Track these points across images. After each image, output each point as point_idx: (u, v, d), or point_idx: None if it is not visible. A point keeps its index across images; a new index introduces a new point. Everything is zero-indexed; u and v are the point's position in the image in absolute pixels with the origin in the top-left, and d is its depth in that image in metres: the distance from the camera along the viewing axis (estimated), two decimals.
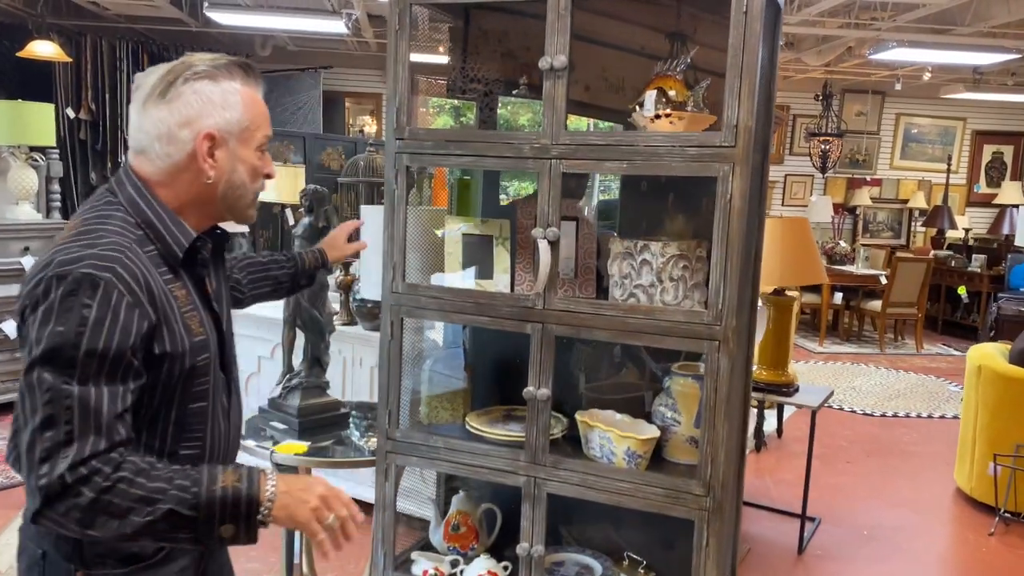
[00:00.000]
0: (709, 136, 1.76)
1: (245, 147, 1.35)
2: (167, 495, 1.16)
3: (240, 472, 1.22)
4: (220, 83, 1.32)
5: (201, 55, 1.35)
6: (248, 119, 1.34)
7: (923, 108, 10.29)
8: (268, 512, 1.21)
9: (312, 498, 1.25)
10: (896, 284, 7.96)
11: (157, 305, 1.23)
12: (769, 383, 3.72)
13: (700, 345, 1.80)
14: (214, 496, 1.18)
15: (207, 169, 1.31)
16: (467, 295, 2.02)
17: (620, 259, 2.02)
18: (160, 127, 1.30)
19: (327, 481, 1.32)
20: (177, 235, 1.31)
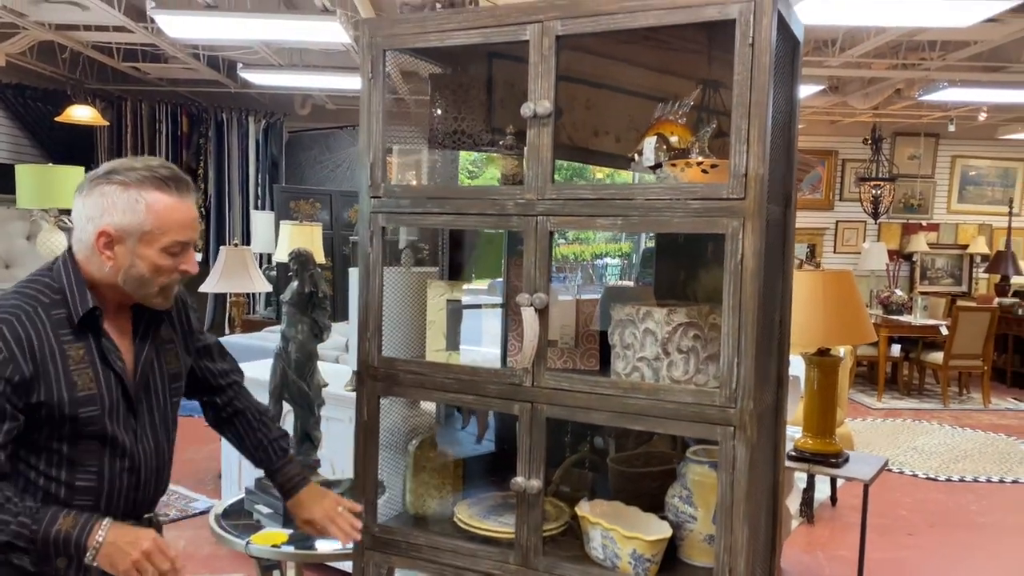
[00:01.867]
0: (714, 187, 1.52)
1: (147, 248, 1.50)
2: (7, 528, 1.39)
3: (79, 519, 1.43)
4: (129, 190, 1.49)
5: (143, 160, 1.53)
6: (152, 225, 1.49)
7: (980, 149, 9.83)
8: (93, 558, 1.42)
9: (135, 551, 1.42)
10: (958, 335, 7.46)
11: (36, 361, 1.44)
12: (816, 452, 3.37)
13: (712, 431, 1.54)
14: (48, 536, 1.40)
15: (105, 260, 1.50)
16: (448, 370, 1.79)
17: (622, 327, 1.77)
18: (77, 216, 1.53)
19: (157, 537, 1.47)
20: (77, 304, 1.51)
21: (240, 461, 4.05)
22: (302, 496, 1.82)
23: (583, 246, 2.89)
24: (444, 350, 1.90)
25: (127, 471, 1.57)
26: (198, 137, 8.40)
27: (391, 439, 2.15)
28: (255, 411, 1.87)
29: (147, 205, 1.48)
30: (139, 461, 1.59)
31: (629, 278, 3.31)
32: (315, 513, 1.80)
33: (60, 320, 1.49)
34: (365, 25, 1.79)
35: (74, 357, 1.49)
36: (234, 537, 2.18)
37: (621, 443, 2.16)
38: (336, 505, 1.82)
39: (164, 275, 1.53)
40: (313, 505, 1.81)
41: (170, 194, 1.50)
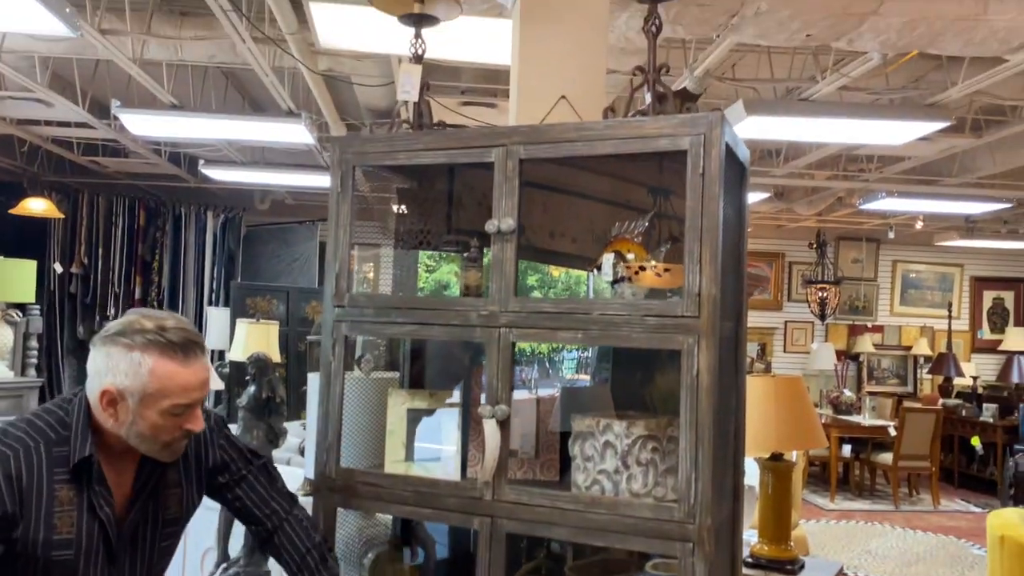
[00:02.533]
0: (670, 305, 1.58)
1: (148, 409, 1.51)
2: None
3: None
4: (132, 352, 1.50)
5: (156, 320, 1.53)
6: (154, 388, 1.50)
7: (919, 255, 10.28)
8: None
9: None
10: (906, 435, 7.61)
11: (22, 499, 1.44)
12: (772, 559, 3.37)
13: (672, 547, 1.55)
14: None
15: (107, 417, 1.52)
16: (406, 482, 1.78)
17: (582, 439, 1.79)
18: (89, 367, 1.55)
19: None
20: (76, 448, 1.51)
21: (185, 566, 3.88)
22: None
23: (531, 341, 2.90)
24: (403, 460, 1.89)
25: None
26: (155, 231, 8.37)
27: (345, 551, 2.11)
28: (297, 552, 1.71)
29: (150, 370, 1.49)
30: None
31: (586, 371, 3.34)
32: None
33: (61, 458, 1.49)
34: (336, 142, 1.86)
35: (61, 498, 1.48)
36: None
37: (579, 549, 2.14)
38: None
39: (166, 434, 1.53)
40: None
41: (175, 359, 1.51)
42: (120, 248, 8.14)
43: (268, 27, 3.95)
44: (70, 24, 3.34)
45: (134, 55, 4.26)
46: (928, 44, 3.30)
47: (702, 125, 1.55)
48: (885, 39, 3.24)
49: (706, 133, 1.54)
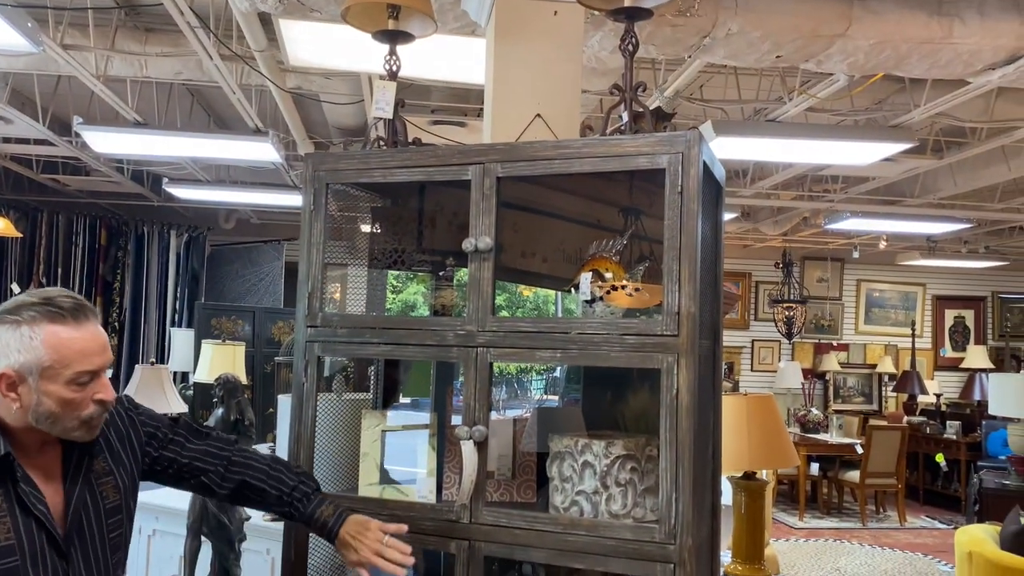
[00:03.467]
0: (649, 324, 1.57)
1: (51, 383, 1.43)
2: None
3: None
4: (20, 328, 1.43)
5: (40, 293, 1.47)
6: (52, 359, 1.43)
7: (882, 274, 10.45)
8: None
9: None
10: (873, 453, 7.68)
11: None
12: None
13: (653, 569, 1.52)
14: None
15: (10, 403, 1.43)
16: (382, 506, 1.74)
17: (560, 459, 1.77)
18: None
19: None
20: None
21: None
22: (343, 536, 1.64)
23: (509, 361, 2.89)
24: (378, 483, 1.85)
25: None
26: (116, 250, 8.21)
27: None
28: (259, 472, 1.70)
29: (42, 340, 1.42)
30: None
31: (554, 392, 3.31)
32: (362, 551, 1.61)
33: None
34: (309, 159, 1.83)
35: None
36: None
37: (552, 570, 2.11)
38: (380, 535, 1.63)
39: (78, 409, 1.46)
40: (358, 542, 1.62)
41: (66, 324, 1.44)
42: (80, 268, 7.97)
43: (236, 44, 3.91)
44: (32, 39, 3.27)
45: (97, 71, 4.18)
46: (895, 66, 3.36)
47: (680, 144, 1.55)
48: (853, 61, 3.29)
49: (684, 152, 1.54)
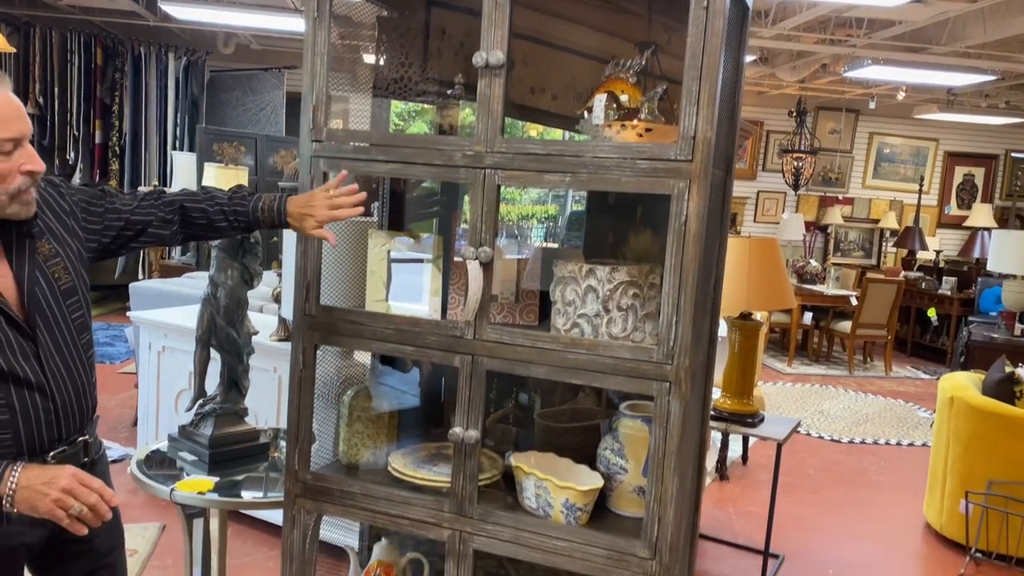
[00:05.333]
0: (663, 148, 1.54)
1: None
2: None
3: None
4: None
5: None
6: None
7: (896, 127, 10.23)
8: (10, 504, 1.39)
9: (53, 491, 1.38)
10: (866, 305, 7.82)
11: None
12: (733, 412, 3.51)
13: (649, 386, 1.58)
14: None
15: None
16: (387, 321, 1.77)
17: (564, 284, 1.79)
18: None
19: (76, 471, 1.42)
20: None
21: (159, 407, 3.95)
22: (293, 212, 1.68)
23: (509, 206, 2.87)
24: (384, 300, 1.88)
25: (39, 400, 1.50)
26: (113, 71, 7.97)
27: (323, 390, 2.13)
28: (194, 198, 1.73)
29: None
30: (51, 388, 1.52)
31: (554, 241, 3.32)
32: (317, 215, 1.65)
33: None
34: None
35: None
36: (158, 484, 2.14)
37: (547, 400, 2.19)
38: (327, 196, 1.67)
39: (5, 181, 1.42)
40: (310, 210, 1.67)
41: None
42: (77, 88, 7.77)
43: None
44: None
45: None
46: None
47: None
48: None
49: None
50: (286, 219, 1.69)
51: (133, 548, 3.38)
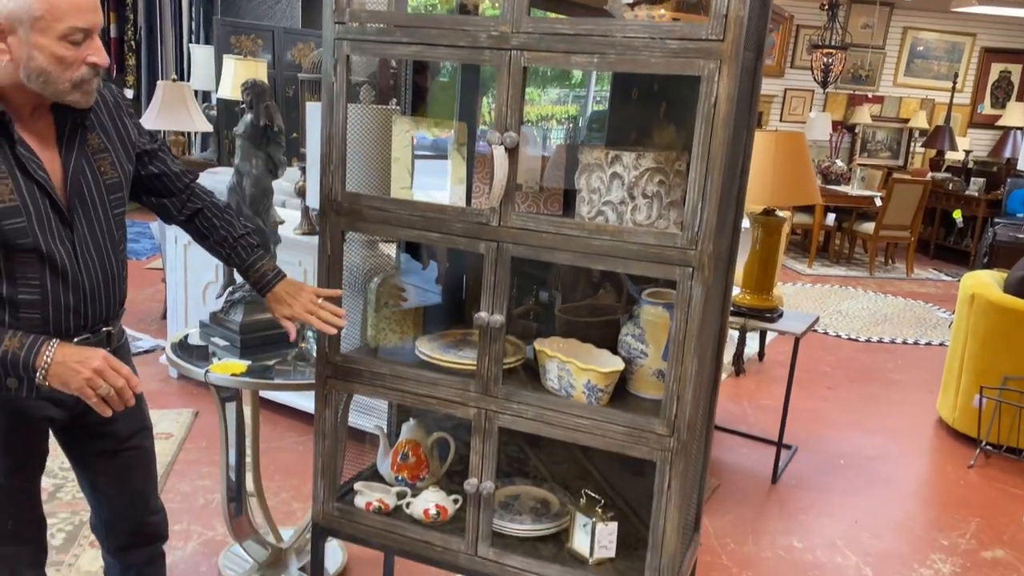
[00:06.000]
0: (694, 28, 1.50)
1: (42, 36, 1.40)
2: None
3: (25, 340, 1.44)
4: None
5: None
6: (42, 10, 1.39)
7: (931, 22, 9.83)
8: (44, 377, 1.44)
9: (85, 370, 1.43)
10: (891, 206, 7.73)
11: None
12: (752, 307, 3.54)
13: (672, 271, 1.59)
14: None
15: (0, 55, 1.41)
16: (413, 208, 1.79)
17: (589, 172, 1.79)
18: None
19: (107, 355, 1.47)
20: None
21: (187, 300, 4.04)
22: (278, 291, 1.81)
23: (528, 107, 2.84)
24: (409, 188, 1.89)
25: (68, 285, 1.55)
26: None
27: (350, 278, 2.17)
28: (215, 208, 1.84)
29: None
30: (80, 276, 1.56)
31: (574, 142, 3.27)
32: (295, 307, 1.78)
33: None
34: None
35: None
36: (193, 366, 2.22)
37: (568, 296, 2.22)
38: (314, 297, 1.80)
39: (70, 69, 1.44)
40: (292, 299, 1.80)
41: None
42: None
43: None
44: None
45: None
46: None
47: None
48: None
49: None
50: (267, 292, 1.83)
51: (169, 432, 3.54)
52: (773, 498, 3.36)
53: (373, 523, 1.98)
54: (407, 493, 2.03)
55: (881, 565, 2.90)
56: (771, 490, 3.43)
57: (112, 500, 1.81)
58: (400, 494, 2.04)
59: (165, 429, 3.52)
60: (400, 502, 2.02)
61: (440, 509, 1.96)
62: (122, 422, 1.74)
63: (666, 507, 1.68)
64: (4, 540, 1.62)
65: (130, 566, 1.88)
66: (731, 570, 2.80)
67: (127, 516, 1.84)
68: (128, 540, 1.87)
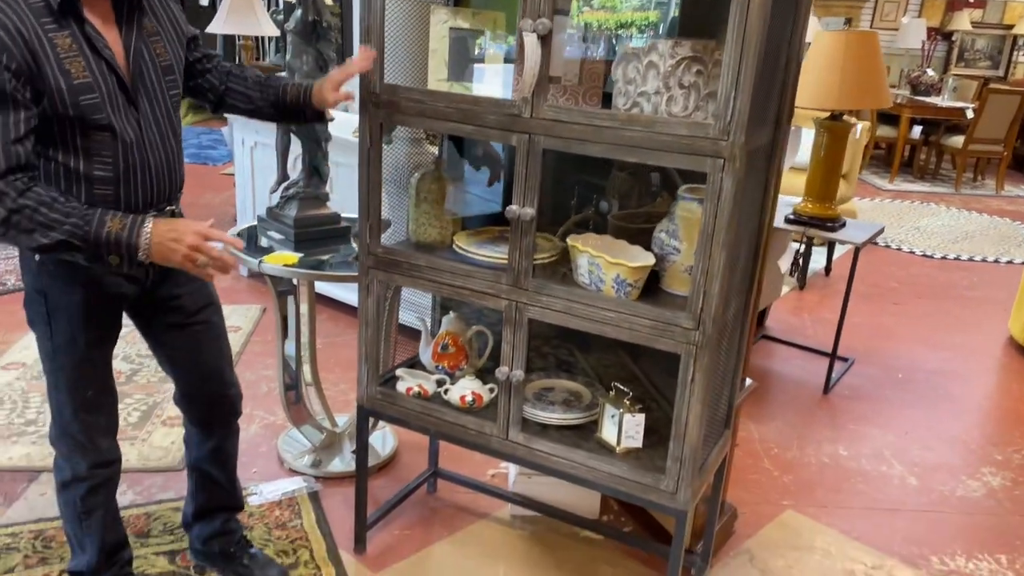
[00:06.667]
0: None
1: None
2: (62, 228, 1.48)
3: (125, 221, 1.52)
4: None
5: None
6: None
7: None
8: (146, 256, 1.54)
9: (181, 246, 1.54)
10: (983, 118, 7.28)
11: (31, 51, 1.45)
12: (813, 216, 3.45)
13: (703, 163, 1.57)
14: (100, 236, 1.51)
15: None
16: (449, 99, 1.80)
17: (626, 62, 1.76)
18: None
19: (199, 228, 1.56)
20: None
21: (255, 200, 4.18)
22: (316, 88, 1.86)
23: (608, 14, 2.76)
24: (446, 80, 1.90)
25: (138, 163, 1.63)
26: None
27: (395, 175, 2.21)
28: (239, 77, 1.92)
29: None
30: (147, 154, 1.65)
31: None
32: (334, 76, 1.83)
33: (39, 8, 1.47)
34: None
35: (62, 46, 1.49)
36: (248, 257, 2.32)
37: (624, 204, 2.20)
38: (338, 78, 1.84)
39: None
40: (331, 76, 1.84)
41: None
42: None
43: None
44: None
45: None
46: None
47: None
48: None
49: None
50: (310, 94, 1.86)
51: (238, 326, 3.72)
52: (824, 408, 3.35)
53: (412, 407, 2.08)
54: (446, 381, 2.11)
55: (927, 475, 2.89)
56: (822, 400, 3.41)
57: (188, 373, 1.95)
58: (439, 381, 2.12)
59: (234, 323, 3.71)
60: (439, 389, 2.11)
61: (476, 396, 2.04)
62: (188, 297, 1.87)
63: (689, 399, 1.71)
64: (85, 408, 1.77)
65: (209, 436, 2.04)
66: (772, 473, 2.83)
67: (203, 389, 1.97)
68: (207, 412, 2.01)
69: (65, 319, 1.69)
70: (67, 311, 1.68)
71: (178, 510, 2.40)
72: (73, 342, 1.70)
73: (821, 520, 2.58)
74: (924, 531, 2.57)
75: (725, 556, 2.38)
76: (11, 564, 2.15)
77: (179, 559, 2.21)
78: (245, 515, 2.41)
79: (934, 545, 2.50)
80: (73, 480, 1.82)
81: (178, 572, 2.16)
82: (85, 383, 1.75)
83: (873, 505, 2.68)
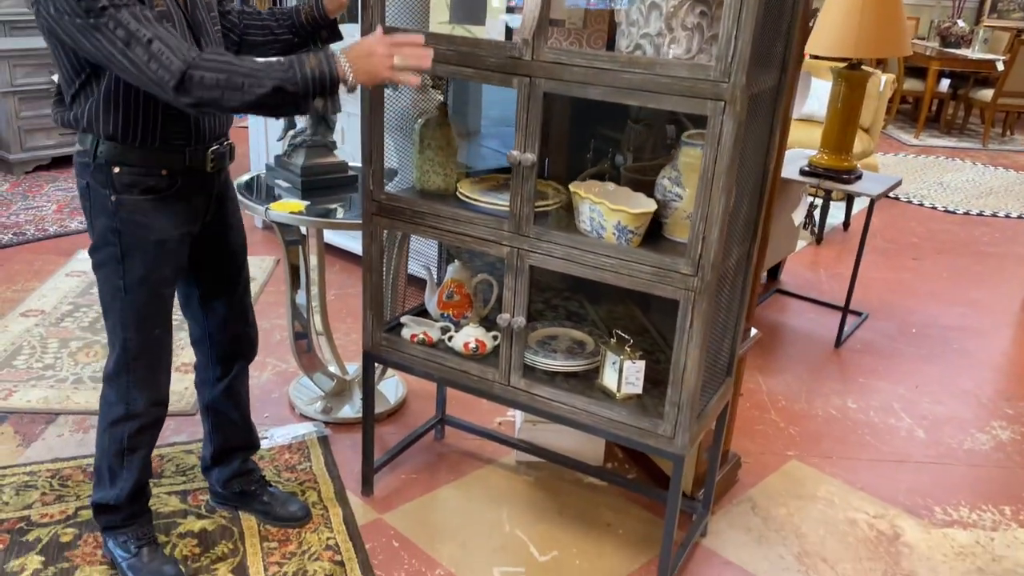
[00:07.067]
0: None
1: None
2: (271, 75, 1.50)
3: (319, 56, 1.54)
4: None
5: None
6: None
7: None
8: (354, 79, 1.56)
9: (377, 57, 1.55)
10: (1014, 70, 7.08)
11: None
12: (829, 168, 3.40)
13: (704, 106, 1.55)
14: (307, 75, 1.52)
15: None
16: (450, 42, 1.78)
17: (630, 3, 1.73)
18: None
19: (380, 35, 1.58)
20: None
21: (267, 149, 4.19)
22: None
23: None
24: (447, 23, 1.88)
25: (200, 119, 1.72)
26: None
27: (400, 122, 2.20)
28: (254, 13, 1.95)
29: None
30: None
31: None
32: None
33: None
34: None
35: None
36: (255, 203, 2.33)
37: (639, 156, 2.18)
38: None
39: None
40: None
41: None
42: None
43: None
44: None
45: None
46: None
47: None
48: None
49: None
50: (321, 8, 1.87)
51: (252, 276, 3.75)
52: (834, 362, 3.34)
53: (417, 353, 2.10)
54: (450, 328, 2.13)
55: (936, 428, 2.88)
56: (833, 354, 3.40)
57: (223, 307, 2.03)
58: (444, 329, 2.14)
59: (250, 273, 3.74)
60: (443, 336, 2.12)
61: (479, 343, 2.05)
62: (234, 232, 2.00)
63: (687, 345, 1.71)
64: (153, 344, 1.83)
65: (226, 373, 2.12)
66: (778, 424, 2.84)
67: (227, 328, 2.06)
68: (230, 348, 2.09)
69: (139, 258, 1.73)
70: (142, 249, 1.73)
71: (190, 452, 2.46)
72: (145, 280, 1.75)
73: (825, 471, 2.59)
74: (929, 482, 2.57)
75: (727, 504, 2.40)
76: (29, 501, 2.22)
77: (190, 499, 2.27)
78: (256, 457, 2.46)
79: (938, 496, 2.51)
80: (127, 417, 1.86)
81: (189, 510, 2.23)
82: (152, 321, 1.81)
83: (879, 457, 2.69)
